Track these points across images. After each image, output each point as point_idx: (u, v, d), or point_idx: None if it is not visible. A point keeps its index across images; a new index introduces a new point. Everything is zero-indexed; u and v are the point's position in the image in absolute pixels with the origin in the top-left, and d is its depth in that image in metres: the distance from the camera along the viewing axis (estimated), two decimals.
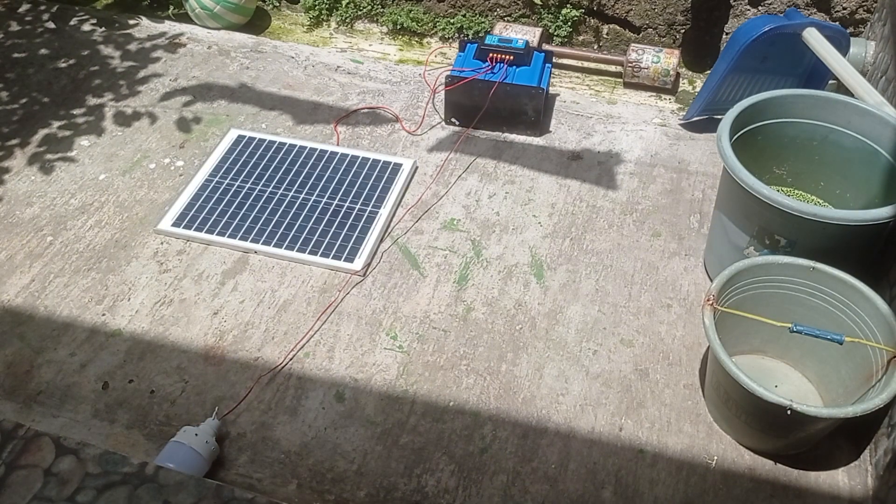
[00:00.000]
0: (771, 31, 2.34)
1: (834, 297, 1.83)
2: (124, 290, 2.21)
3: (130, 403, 1.95)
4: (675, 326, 2.12)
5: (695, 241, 2.34)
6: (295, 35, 3.24)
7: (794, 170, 2.22)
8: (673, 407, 1.94)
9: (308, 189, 2.48)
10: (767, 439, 1.82)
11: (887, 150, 2.00)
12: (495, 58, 2.66)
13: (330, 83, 2.93)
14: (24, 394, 1.96)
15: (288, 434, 1.89)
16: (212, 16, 3.12)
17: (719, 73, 2.49)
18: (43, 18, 3.24)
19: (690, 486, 1.79)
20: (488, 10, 3.11)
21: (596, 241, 2.35)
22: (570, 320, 2.14)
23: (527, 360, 2.04)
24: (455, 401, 1.96)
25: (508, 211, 2.44)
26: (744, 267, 1.85)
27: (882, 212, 1.78)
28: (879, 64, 2.46)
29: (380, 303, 2.18)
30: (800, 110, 2.11)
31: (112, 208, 2.45)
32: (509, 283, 2.23)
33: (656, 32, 2.97)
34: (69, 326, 2.11)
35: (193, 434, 1.78)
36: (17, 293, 2.19)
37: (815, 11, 2.81)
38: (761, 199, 1.83)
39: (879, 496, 1.72)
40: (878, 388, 1.67)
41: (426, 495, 1.78)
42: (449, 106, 2.71)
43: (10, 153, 2.64)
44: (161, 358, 2.04)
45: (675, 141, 2.69)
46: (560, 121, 2.78)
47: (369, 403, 1.95)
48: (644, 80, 2.87)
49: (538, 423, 1.91)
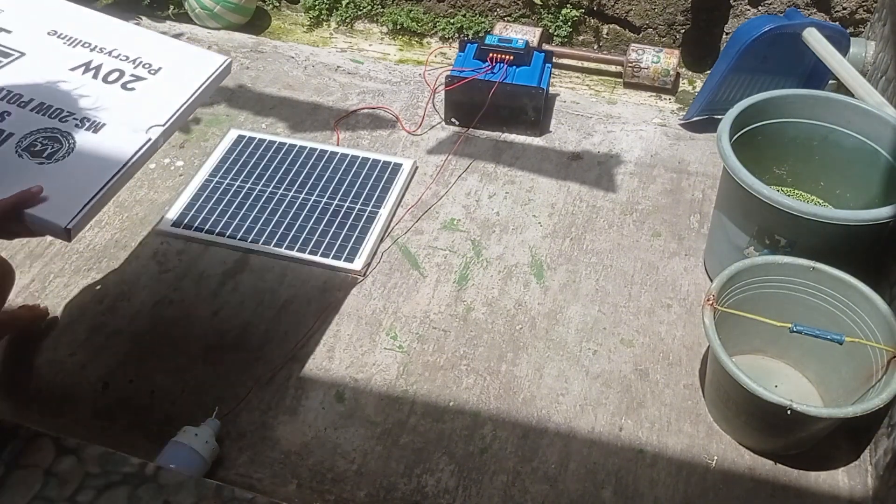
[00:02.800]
0: (771, 31, 2.34)
1: (834, 297, 1.83)
2: (124, 290, 2.21)
3: (130, 403, 1.95)
4: (675, 326, 2.12)
5: (695, 241, 2.34)
6: (295, 35, 3.24)
7: (794, 170, 2.22)
8: (673, 407, 1.94)
9: (308, 189, 2.48)
10: (767, 439, 1.82)
11: (887, 150, 2.00)
12: (495, 58, 2.66)
13: (330, 83, 2.93)
14: (24, 394, 1.96)
15: (288, 434, 1.89)
16: (212, 16, 3.12)
17: (719, 73, 2.49)
18: None
19: (690, 486, 1.79)
20: (488, 10, 3.11)
21: (596, 241, 2.35)
22: (570, 320, 2.14)
23: (527, 360, 2.04)
24: (455, 401, 1.96)
25: (508, 211, 2.44)
26: (744, 267, 1.85)
27: (882, 212, 1.78)
28: (879, 64, 2.46)
29: (380, 303, 2.18)
30: (800, 110, 2.11)
31: (112, 208, 2.45)
32: (509, 283, 2.23)
33: (656, 32, 2.97)
34: (69, 326, 2.11)
35: (193, 434, 1.78)
36: (17, 293, 2.19)
37: (815, 11, 2.81)
38: (761, 199, 1.83)
39: (879, 496, 1.72)
40: (878, 388, 1.67)
41: (426, 495, 1.78)
42: (449, 106, 2.71)
43: None
44: (161, 358, 2.04)
45: (675, 141, 2.69)
46: (560, 121, 2.78)
47: (369, 403, 1.95)
48: (644, 80, 2.88)
49: (538, 423, 1.91)
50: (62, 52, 1.58)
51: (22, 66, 1.53)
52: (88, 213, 1.33)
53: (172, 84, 1.56)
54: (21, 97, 1.47)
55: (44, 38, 1.60)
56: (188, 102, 1.55)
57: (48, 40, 1.60)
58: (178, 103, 1.53)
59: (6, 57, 1.54)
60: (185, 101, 1.55)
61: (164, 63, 1.60)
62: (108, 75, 1.56)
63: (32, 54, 1.57)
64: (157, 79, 1.58)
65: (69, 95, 1.50)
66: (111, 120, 1.48)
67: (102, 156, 1.41)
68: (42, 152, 1.39)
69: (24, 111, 1.45)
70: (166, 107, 1.51)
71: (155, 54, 1.63)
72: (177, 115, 1.52)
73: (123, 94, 1.53)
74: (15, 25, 1.60)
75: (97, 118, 1.48)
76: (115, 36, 1.65)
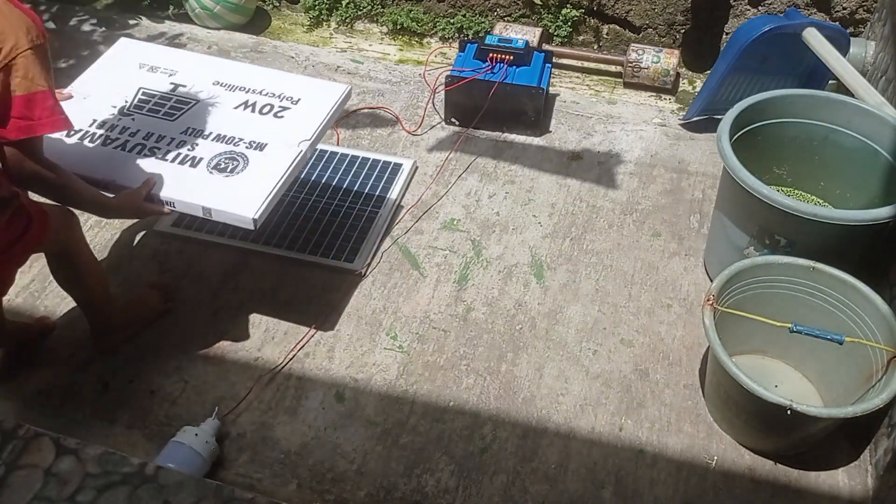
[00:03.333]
0: (771, 31, 2.34)
1: (834, 297, 1.83)
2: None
3: (130, 403, 1.95)
4: (675, 326, 2.12)
5: (695, 241, 2.34)
6: (295, 35, 3.24)
7: (794, 170, 2.22)
8: (673, 407, 1.94)
9: (308, 189, 2.48)
10: (767, 439, 1.82)
11: (887, 150, 2.00)
12: (495, 58, 2.66)
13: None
14: (24, 394, 1.96)
15: (288, 434, 1.89)
16: (212, 16, 3.12)
17: (719, 73, 2.49)
18: (43, 18, 3.24)
19: (690, 486, 1.79)
20: (488, 10, 3.11)
21: (596, 241, 2.35)
22: (570, 320, 2.14)
23: (527, 360, 2.04)
24: (455, 401, 1.96)
25: (508, 211, 2.44)
26: (744, 267, 1.86)
27: (882, 212, 1.78)
28: (879, 64, 2.46)
29: (380, 303, 2.18)
30: (800, 110, 2.11)
31: None
32: (509, 283, 2.23)
33: (656, 32, 2.97)
34: (69, 326, 2.11)
35: (193, 434, 1.78)
36: (18, 293, 2.19)
37: (815, 11, 2.81)
38: (761, 199, 1.83)
39: (879, 496, 1.73)
40: (878, 388, 1.67)
41: (426, 495, 1.78)
42: (449, 106, 2.71)
43: None
44: (161, 358, 2.04)
45: (675, 141, 2.69)
46: (560, 121, 2.78)
47: (369, 403, 1.95)
48: (644, 80, 2.88)
49: (538, 423, 1.91)
50: (225, 96, 2.08)
51: (199, 109, 2.04)
52: (266, 208, 1.79)
53: (310, 110, 2.04)
54: (203, 131, 1.97)
55: (210, 87, 2.11)
56: (324, 122, 2.01)
57: (214, 88, 2.10)
58: (317, 123, 1.99)
59: (187, 104, 2.05)
60: (322, 121, 2.01)
61: (301, 95, 2.08)
62: (262, 109, 2.04)
63: (205, 100, 2.07)
64: (299, 107, 2.05)
65: (238, 126, 1.98)
66: (271, 140, 1.95)
67: (269, 166, 1.88)
68: (226, 169, 1.87)
69: (207, 141, 1.94)
70: (309, 126, 1.99)
71: (293, 89, 2.10)
72: (317, 131, 1.98)
73: (276, 121, 2.01)
74: (188, 80, 2.12)
75: (260, 140, 1.95)
76: (262, 79, 2.14)
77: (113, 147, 1.93)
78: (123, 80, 2.12)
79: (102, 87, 2.09)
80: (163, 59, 2.21)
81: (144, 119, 2.01)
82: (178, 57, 2.25)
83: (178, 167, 1.88)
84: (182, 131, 1.98)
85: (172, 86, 2.11)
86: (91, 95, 2.07)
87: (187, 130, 1.98)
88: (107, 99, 2.06)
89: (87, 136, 1.96)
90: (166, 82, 2.12)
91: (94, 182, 1.82)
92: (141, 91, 2.09)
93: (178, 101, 2.07)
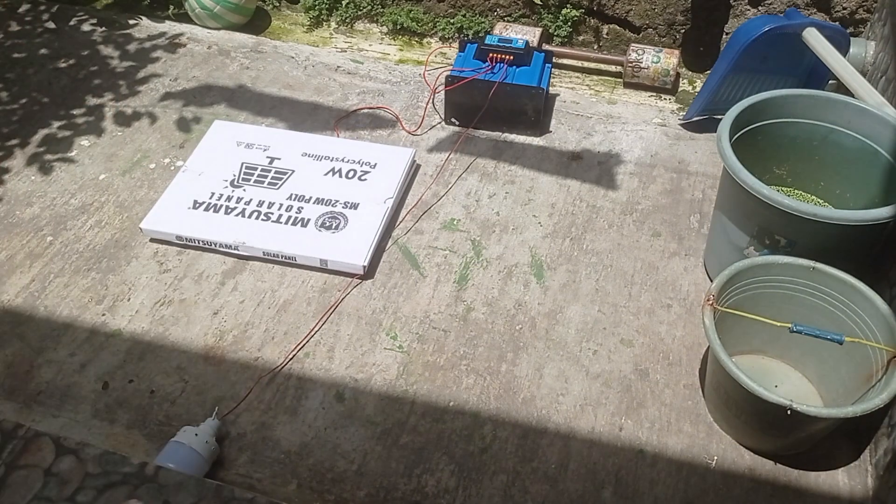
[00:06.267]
0: (771, 31, 2.34)
1: (834, 297, 1.83)
2: (124, 290, 2.21)
3: (130, 403, 1.95)
4: (675, 326, 2.12)
5: (695, 241, 2.34)
6: (295, 35, 3.24)
7: (794, 170, 2.22)
8: (673, 407, 1.94)
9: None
10: (767, 439, 1.82)
11: (887, 150, 2.00)
12: (495, 58, 2.66)
13: (330, 83, 2.93)
14: (24, 394, 1.97)
15: (288, 434, 1.89)
16: (212, 16, 3.12)
17: (719, 73, 2.49)
18: (43, 18, 3.24)
19: (690, 486, 1.79)
20: (488, 10, 3.11)
21: (596, 241, 2.35)
22: (570, 320, 2.14)
23: (527, 360, 2.04)
24: (455, 401, 1.96)
25: (508, 211, 2.44)
26: (744, 267, 1.85)
27: (882, 212, 1.78)
28: (879, 64, 2.46)
29: (380, 303, 2.18)
30: (800, 110, 2.11)
31: (112, 208, 2.45)
32: (509, 283, 2.23)
33: (656, 32, 2.97)
34: (69, 326, 2.11)
35: (193, 434, 1.78)
36: (17, 293, 2.19)
37: (815, 11, 2.81)
38: (761, 199, 1.83)
39: (879, 496, 1.72)
40: (878, 388, 1.67)
41: (426, 495, 1.78)
42: (449, 106, 2.71)
43: (10, 153, 2.64)
44: (161, 358, 2.04)
45: (675, 141, 2.69)
46: (560, 121, 2.78)
47: (369, 403, 1.95)
48: (644, 80, 2.88)
49: (538, 423, 1.91)
50: (315, 165, 2.47)
51: (297, 178, 2.43)
52: (371, 256, 2.21)
53: (388, 172, 2.44)
54: (304, 196, 2.37)
55: (300, 158, 2.50)
56: (401, 181, 2.42)
57: (303, 160, 2.49)
58: (396, 182, 2.41)
59: (285, 174, 2.44)
60: (399, 180, 2.42)
61: (378, 160, 2.48)
62: (347, 174, 2.44)
63: (299, 170, 2.45)
64: (378, 170, 2.45)
65: (332, 190, 2.38)
66: (361, 199, 2.36)
67: (365, 221, 2.30)
68: (331, 226, 2.28)
69: (310, 204, 2.35)
70: (390, 185, 2.40)
71: (370, 156, 2.49)
72: (398, 189, 2.40)
73: (361, 184, 2.41)
74: (282, 153, 2.51)
75: (353, 201, 2.36)
76: (343, 148, 2.53)
77: (235, 215, 2.31)
78: (227, 157, 2.49)
79: (212, 164, 2.46)
80: (255, 136, 2.57)
81: (254, 189, 2.39)
82: (267, 133, 2.60)
83: (292, 228, 2.27)
84: (287, 197, 2.36)
85: (269, 159, 2.48)
86: (204, 172, 2.44)
87: (291, 196, 2.37)
88: (218, 173, 2.43)
89: (211, 207, 2.34)
90: (263, 156, 2.49)
91: (226, 246, 2.24)
92: (244, 165, 2.46)
93: (277, 171, 2.44)
